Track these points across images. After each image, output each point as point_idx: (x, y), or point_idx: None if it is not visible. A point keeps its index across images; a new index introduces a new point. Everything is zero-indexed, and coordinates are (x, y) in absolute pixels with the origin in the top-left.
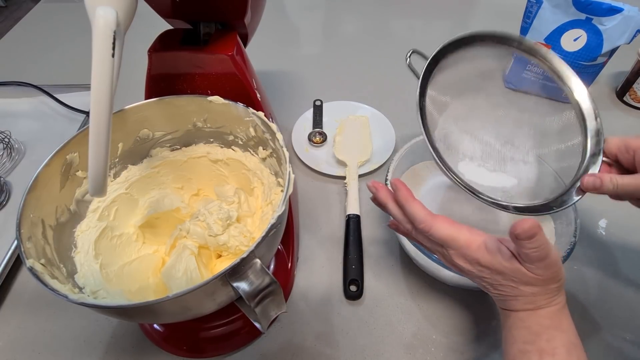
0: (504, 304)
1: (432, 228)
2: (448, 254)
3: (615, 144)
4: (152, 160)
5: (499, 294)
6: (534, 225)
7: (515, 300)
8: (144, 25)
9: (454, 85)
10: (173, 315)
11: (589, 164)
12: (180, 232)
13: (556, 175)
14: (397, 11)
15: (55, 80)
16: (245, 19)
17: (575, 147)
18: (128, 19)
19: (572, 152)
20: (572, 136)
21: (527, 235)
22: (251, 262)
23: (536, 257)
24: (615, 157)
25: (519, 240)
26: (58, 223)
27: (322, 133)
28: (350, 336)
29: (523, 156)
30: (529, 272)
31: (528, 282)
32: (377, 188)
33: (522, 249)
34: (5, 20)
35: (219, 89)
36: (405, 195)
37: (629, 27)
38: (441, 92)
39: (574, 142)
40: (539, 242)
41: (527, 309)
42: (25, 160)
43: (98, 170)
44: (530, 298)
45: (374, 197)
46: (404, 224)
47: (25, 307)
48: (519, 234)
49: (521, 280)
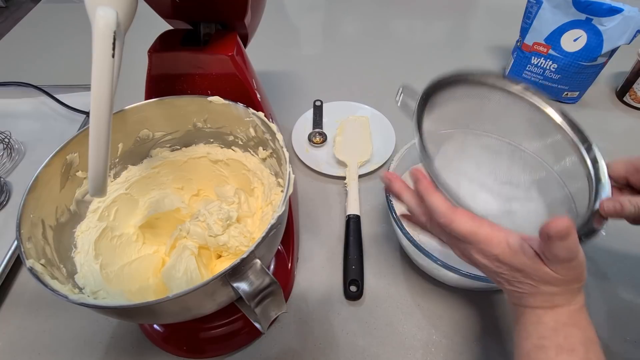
0: (519, 300)
1: (453, 223)
2: (465, 248)
3: (623, 167)
4: (152, 161)
5: (515, 291)
6: (569, 226)
7: (533, 297)
8: (144, 25)
9: (446, 123)
10: (173, 315)
11: (598, 190)
12: (180, 233)
13: (567, 201)
14: (397, 11)
15: (55, 81)
16: (245, 20)
17: (575, 169)
18: (128, 20)
19: (574, 176)
20: (569, 158)
21: (561, 235)
22: (251, 262)
23: (565, 258)
24: (625, 180)
25: (550, 240)
26: (58, 223)
27: (322, 133)
28: (350, 336)
29: (525, 194)
30: (552, 273)
31: (549, 282)
32: (391, 179)
33: (551, 249)
34: (5, 21)
35: (219, 90)
36: (427, 186)
37: (629, 27)
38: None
39: (572, 163)
40: (571, 243)
41: (544, 306)
42: (26, 160)
43: (98, 171)
44: (548, 297)
45: (388, 187)
46: (420, 216)
47: (25, 308)
48: (553, 235)
49: (542, 280)
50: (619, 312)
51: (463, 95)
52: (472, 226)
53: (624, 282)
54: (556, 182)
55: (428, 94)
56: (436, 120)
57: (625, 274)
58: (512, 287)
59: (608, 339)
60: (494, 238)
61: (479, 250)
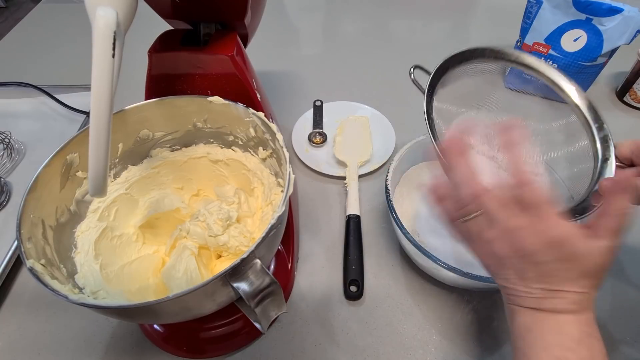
0: (539, 303)
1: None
2: (518, 226)
3: (629, 147)
4: (152, 161)
5: (545, 288)
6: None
7: (560, 298)
8: (144, 25)
9: (456, 100)
10: (173, 315)
11: (602, 170)
12: (180, 233)
13: (569, 182)
14: (397, 12)
15: (55, 81)
16: (245, 20)
17: (584, 151)
18: (128, 20)
19: (581, 157)
20: (579, 140)
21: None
22: (251, 262)
23: (616, 224)
24: (629, 161)
25: (609, 193)
26: (58, 223)
27: (322, 133)
28: (350, 336)
29: (532, 168)
30: (599, 254)
31: (588, 272)
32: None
33: (608, 206)
34: (5, 21)
35: (219, 90)
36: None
37: (629, 27)
38: (445, 107)
39: (581, 146)
40: (625, 204)
41: (572, 310)
42: (26, 160)
43: (98, 171)
44: (578, 296)
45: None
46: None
47: (25, 308)
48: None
49: (583, 267)
50: (619, 312)
51: (478, 70)
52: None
53: (625, 282)
54: (564, 161)
55: (444, 67)
56: (448, 97)
57: (626, 274)
58: (541, 284)
59: (608, 339)
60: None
61: (540, 232)
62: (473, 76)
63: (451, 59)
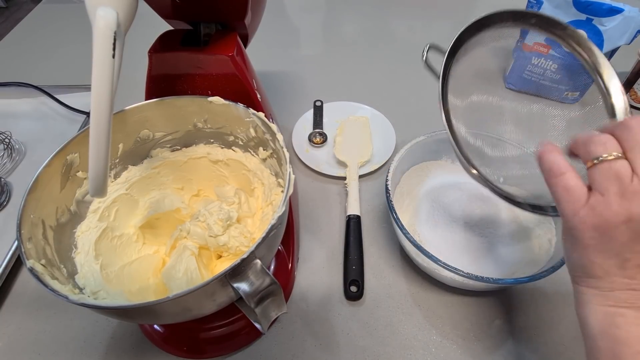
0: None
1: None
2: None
3: None
4: (152, 161)
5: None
6: None
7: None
8: (144, 25)
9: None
10: (173, 316)
11: None
12: (180, 233)
13: None
14: (397, 12)
15: (55, 81)
16: (245, 20)
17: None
18: (129, 20)
19: None
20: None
21: None
22: (251, 262)
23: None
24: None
25: None
26: (58, 224)
27: (322, 133)
28: (350, 337)
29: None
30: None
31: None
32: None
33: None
34: (5, 21)
35: (219, 90)
36: None
37: (629, 27)
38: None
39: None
40: None
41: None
42: (26, 160)
43: (98, 171)
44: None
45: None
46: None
47: (25, 308)
48: None
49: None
50: None
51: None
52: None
53: None
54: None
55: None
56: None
57: None
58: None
59: None
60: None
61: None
62: (488, 44)
63: (468, 29)
